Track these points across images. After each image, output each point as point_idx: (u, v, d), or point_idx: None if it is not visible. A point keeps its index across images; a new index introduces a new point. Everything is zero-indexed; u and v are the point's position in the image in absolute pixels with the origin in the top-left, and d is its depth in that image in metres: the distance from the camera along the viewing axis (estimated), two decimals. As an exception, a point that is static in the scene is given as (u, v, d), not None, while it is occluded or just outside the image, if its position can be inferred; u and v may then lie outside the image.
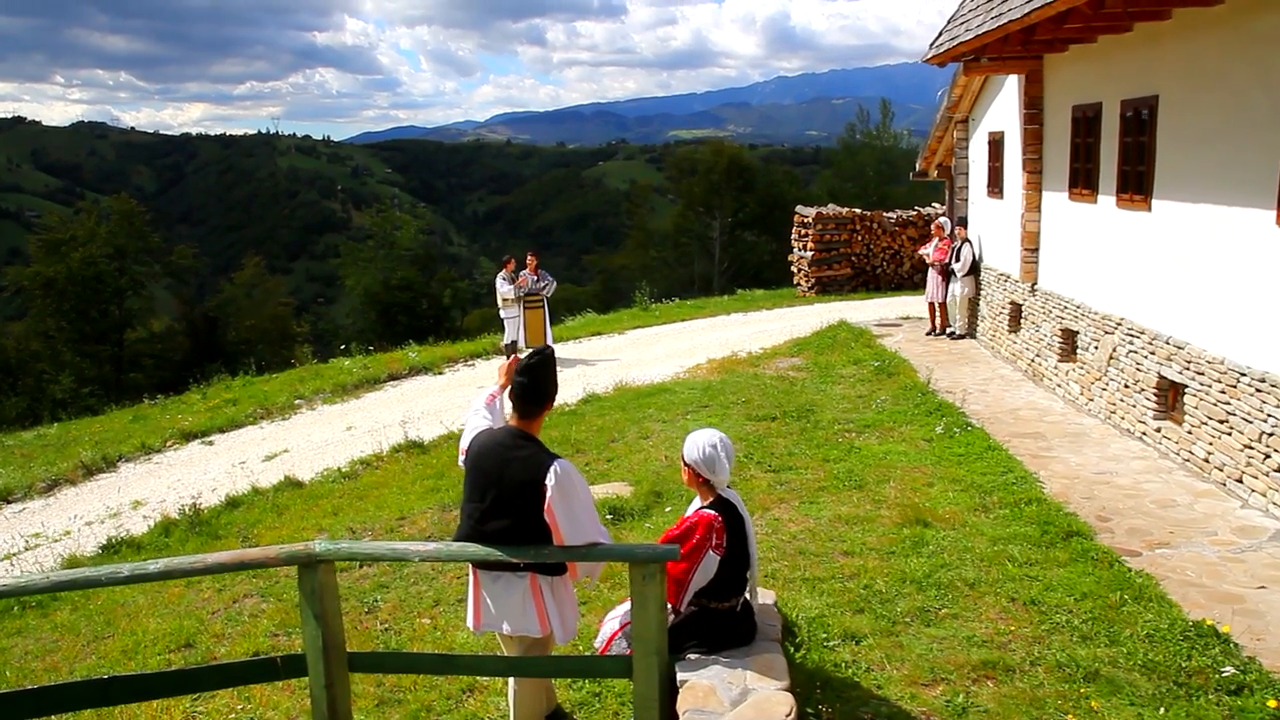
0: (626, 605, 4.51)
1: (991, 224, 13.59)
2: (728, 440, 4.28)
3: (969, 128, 14.50)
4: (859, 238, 22.58)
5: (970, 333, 14.45)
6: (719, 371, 14.21)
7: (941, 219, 14.61)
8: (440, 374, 16.69)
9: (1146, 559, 6.25)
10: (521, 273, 17.09)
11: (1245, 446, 7.30)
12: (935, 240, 14.63)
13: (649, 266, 53.29)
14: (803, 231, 22.90)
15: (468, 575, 4.30)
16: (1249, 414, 7.24)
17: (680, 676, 3.91)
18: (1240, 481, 7.38)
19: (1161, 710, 4.40)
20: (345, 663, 4.13)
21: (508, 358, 15.64)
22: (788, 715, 3.55)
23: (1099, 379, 9.93)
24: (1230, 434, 7.52)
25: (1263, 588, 5.77)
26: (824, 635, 5.14)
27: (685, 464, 4.28)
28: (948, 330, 14.70)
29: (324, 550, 3.98)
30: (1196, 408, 8.03)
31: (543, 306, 17.14)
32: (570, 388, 14.11)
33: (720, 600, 4.21)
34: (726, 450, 4.24)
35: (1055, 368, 11.12)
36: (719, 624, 4.20)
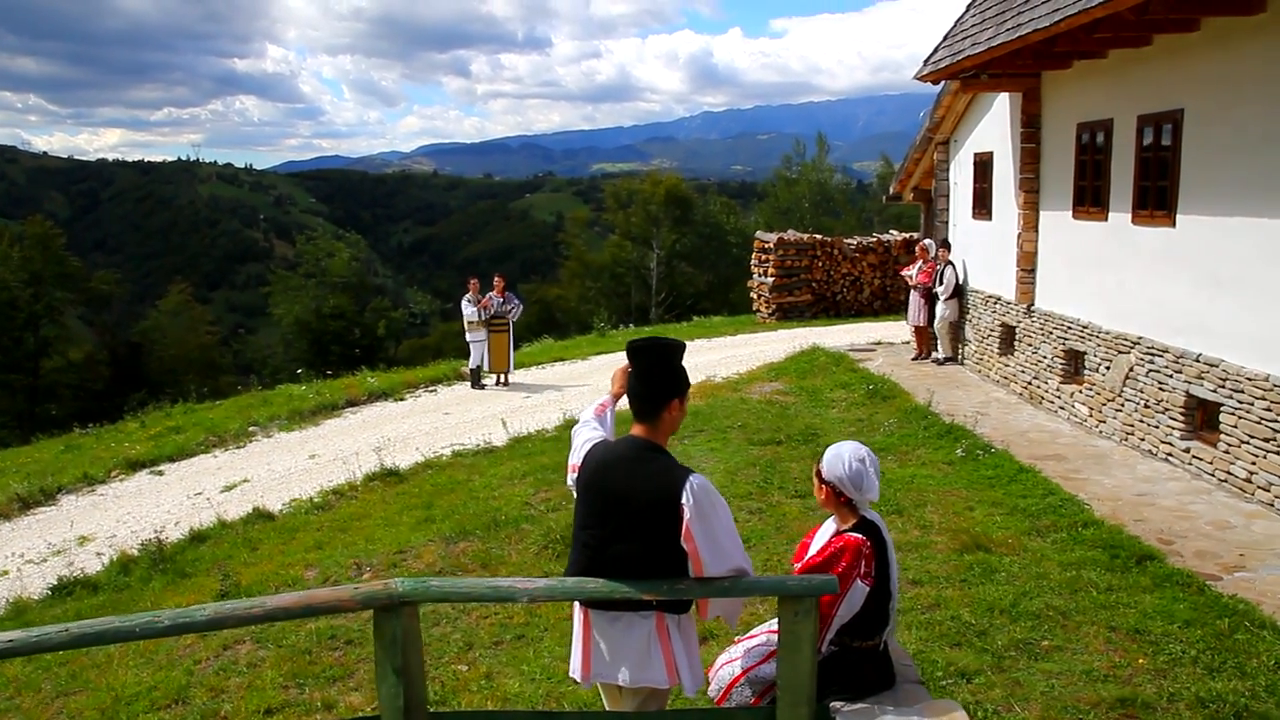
0: (743, 646, 3.95)
1: (978, 246, 13.39)
2: (873, 454, 3.76)
3: (950, 149, 14.34)
4: (820, 264, 22.39)
5: (955, 357, 14.20)
6: (701, 396, 13.72)
7: (926, 241, 14.37)
8: (402, 400, 15.89)
9: (1229, 583, 5.89)
10: (486, 295, 16.49)
11: (1298, 465, 7.05)
12: (919, 262, 14.38)
13: (586, 297, 52.93)
14: (763, 257, 22.64)
15: (573, 615, 3.68)
16: (1301, 431, 6.99)
17: (849, 730, 3.36)
18: (1292, 502, 7.12)
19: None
20: (426, 724, 3.48)
21: (472, 385, 14.95)
22: (996, 774, 3.02)
23: (1112, 400, 9.67)
24: (1279, 453, 7.26)
25: (1364, 612, 5.44)
26: (936, 673, 4.64)
27: (823, 481, 3.74)
28: (933, 355, 14.43)
29: (409, 590, 3.33)
30: (1235, 426, 7.77)
31: (508, 330, 16.54)
32: (546, 413, 13.54)
33: (864, 638, 3.67)
34: (874, 465, 3.72)
35: (1057, 390, 10.87)
36: (863, 665, 3.66)
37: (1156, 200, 8.83)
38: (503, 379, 16.70)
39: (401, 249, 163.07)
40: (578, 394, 15.05)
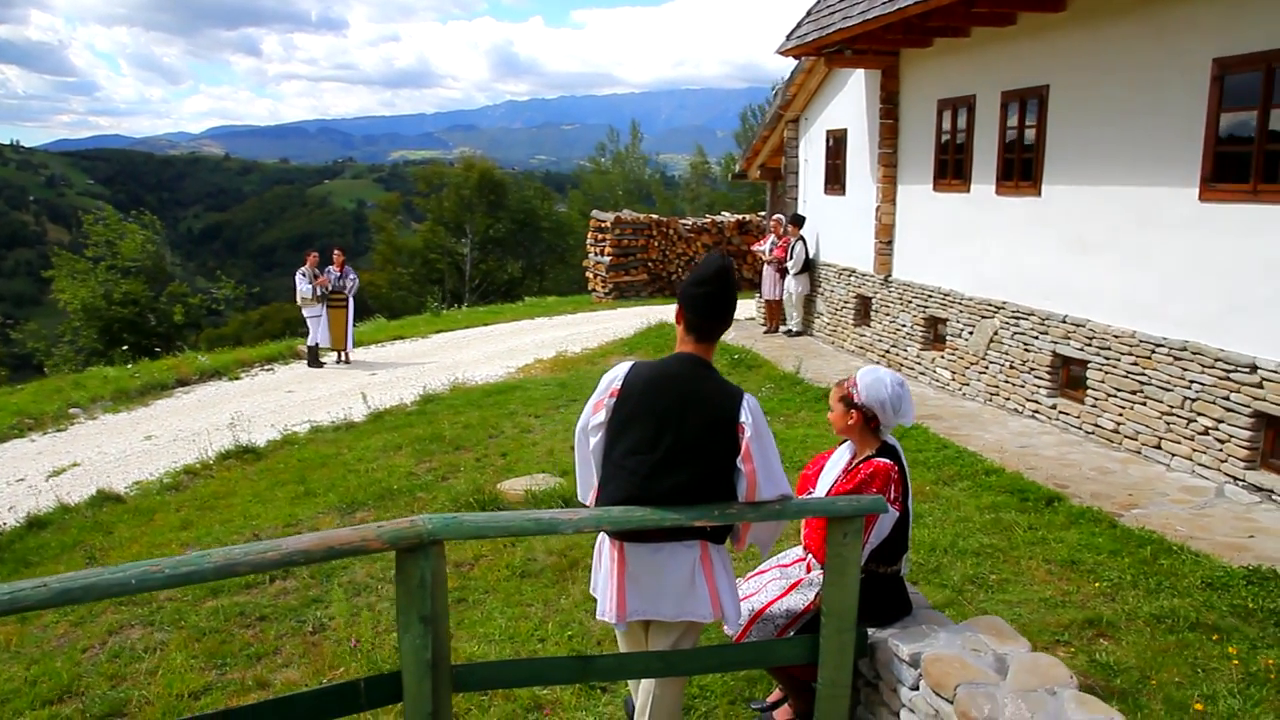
0: (757, 581, 3.85)
1: (831, 220, 13.80)
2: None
3: (800, 127, 14.71)
4: (655, 244, 22.58)
5: (805, 329, 14.60)
6: (561, 369, 13.57)
7: (778, 216, 14.67)
8: (237, 379, 14.85)
9: (1130, 518, 6.27)
10: (327, 270, 15.66)
11: (1164, 414, 7.59)
12: (772, 238, 14.69)
13: (399, 283, 51.56)
14: (600, 236, 22.62)
15: (598, 553, 3.45)
16: (1167, 382, 7.53)
17: (908, 650, 3.29)
18: (1158, 447, 7.66)
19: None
20: (450, 680, 3.17)
21: (310, 363, 14.24)
22: (1070, 677, 3.03)
23: (976, 363, 10.17)
24: (1145, 403, 7.81)
25: (1252, 536, 5.90)
26: (913, 607, 4.68)
27: (855, 406, 3.66)
28: (784, 328, 14.78)
29: (439, 527, 3.02)
30: (1102, 381, 8.31)
31: (346, 305, 15.76)
32: (399, 389, 13.01)
33: (889, 564, 3.63)
34: (907, 387, 3.67)
35: (918, 356, 11.34)
36: (887, 591, 3.62)
37: (1022, 171, 9.33)
38: (343, 357, 15.92)
39: (191, 235, 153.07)
40: (427, 371, 14.52)
